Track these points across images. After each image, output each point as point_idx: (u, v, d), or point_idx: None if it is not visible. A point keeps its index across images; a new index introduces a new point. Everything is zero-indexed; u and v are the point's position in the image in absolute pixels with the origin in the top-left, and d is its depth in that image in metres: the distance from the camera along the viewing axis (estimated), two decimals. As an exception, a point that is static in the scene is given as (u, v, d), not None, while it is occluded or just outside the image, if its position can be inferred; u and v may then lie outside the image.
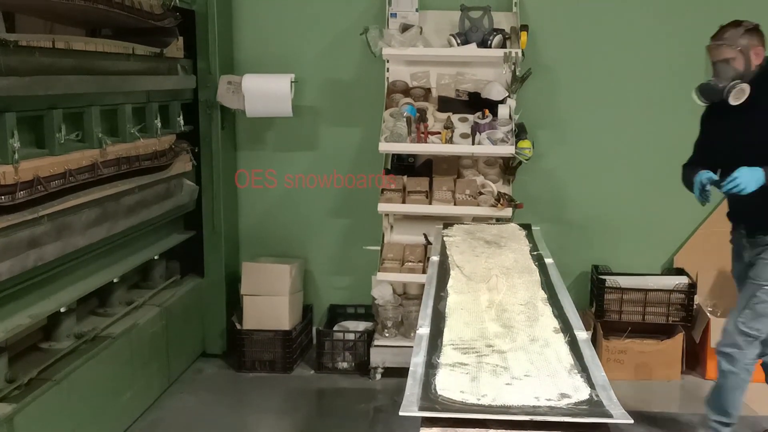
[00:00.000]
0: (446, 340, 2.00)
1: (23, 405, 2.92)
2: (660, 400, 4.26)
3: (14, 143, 2.82)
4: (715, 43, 3.28)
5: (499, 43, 4.36)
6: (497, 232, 3.17)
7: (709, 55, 3.29)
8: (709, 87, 3.26)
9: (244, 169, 4.94)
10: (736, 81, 3.20)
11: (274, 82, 4.54)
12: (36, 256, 3.02)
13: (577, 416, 1.57)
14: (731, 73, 3.23)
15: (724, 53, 3.24)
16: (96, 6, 3.29)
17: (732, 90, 3.20)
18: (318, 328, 4.79)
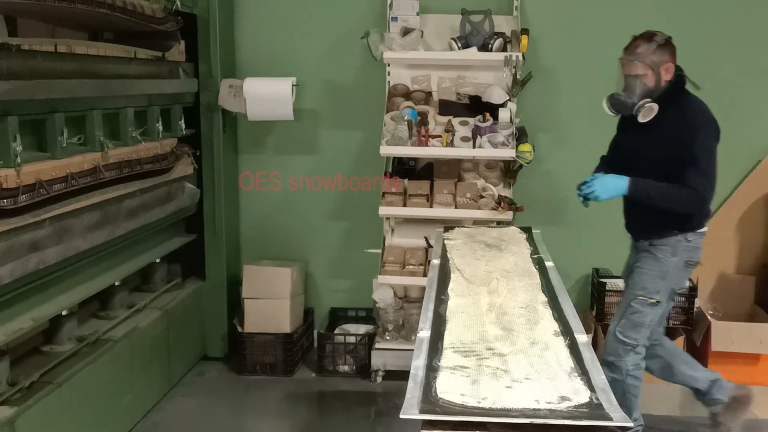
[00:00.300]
0: (447, 343, 2.01)
1: (24, 408, 2.93)
2: (660, 403, 4.26)
3: (16, 147, 2.83)
4: (628, 58, 3.29)
5: (500, 47, 4.37)
6: (498, 235, 3.17)
7: (621, 67, 3.32)
8: (620, 101, 3.31)
9: (248, 171, 4.95)
10: (646, 100, 3.24)
11: (276, 85, 4.55)
12: (38, 260, 3.03)
13: (577, 419, 1.58)
14: (641, 89, 3.26)
15: (635, 69, 3.26)
16: (98, 10, 3.30)
17: (641, 109, 3.25)
18: (319, 331, 4.80)
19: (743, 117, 4.70)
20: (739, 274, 4.79)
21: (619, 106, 3.32)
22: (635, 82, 3.25)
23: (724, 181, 4.74)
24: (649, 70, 3.24)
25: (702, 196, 3.20)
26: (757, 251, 4.76)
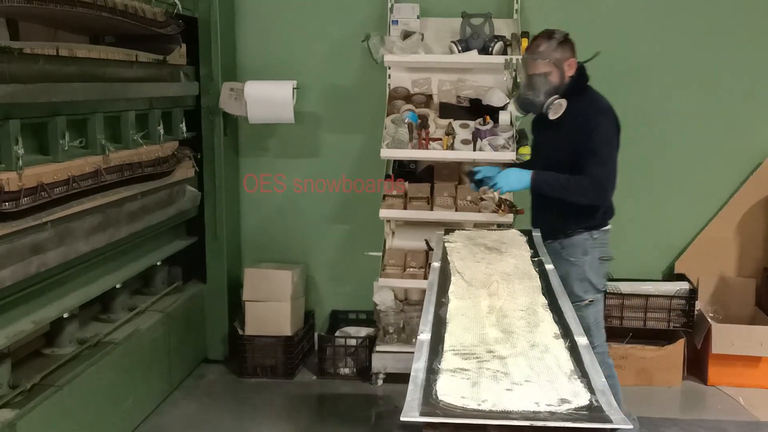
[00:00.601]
0: (447, 346, 2.01)
1: (26, 411, 2.94)
2: (661, 405, 4.27)
3: (18, 150, 2.85)
4: (531, 58, 3.31)
5: (500, 50, 4.38)
6: (498, 238, 3.17)
7: (525, 68, 3.36)
8: (528, 101, 3.34)
9: (252, 173, 4.95)
10: (555, 97, 3.28)
11: (276, 88, 4.56)
12: (39, 262, 3.04)
13: (577, 421, 1.58)
14: (547, 86, 3.29)
15: (540, 67, 3.29)
16: (99, 14, 3.31)
17: (551, 106, 3.29)
18: (320, 334, 4.80)
19: (743, 119, 4.71)
20: (740, 277, 4.79)
21: (528, 106, 3.36)
22: (541, 80, 3.28)
23: (723, 183, 4.77)
24: (553, 67, 3.28)
25: (602, 185, 3.20)
26: (757, 254, 4.77)
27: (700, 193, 4.79)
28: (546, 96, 3.28)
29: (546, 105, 3.29)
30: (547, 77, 3.28)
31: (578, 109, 3.29)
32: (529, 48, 3.37)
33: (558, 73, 3.29)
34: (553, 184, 3.24)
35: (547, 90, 3.29)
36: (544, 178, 3.27)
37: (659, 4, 4.65)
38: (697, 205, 4.81)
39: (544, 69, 3.28)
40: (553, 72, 3.28)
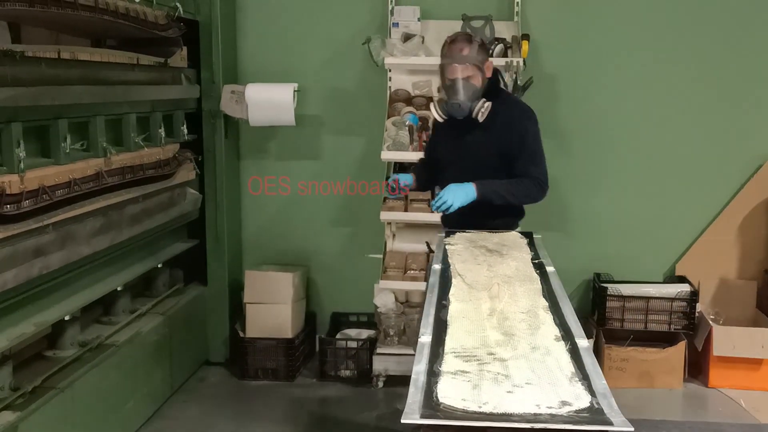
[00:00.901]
0: (448, 348, 2.01)
1: (27, 413, 2.94)
2: (662, 408, 4.26)
3: (20, 153, 2.85)
4: (456, 62, 3.25)
5: (501, 53, 4.38)
6: (499, 241, 3.17)
7: (446, 73, 3.28)
8: (457, 106, 3.25)
9: (257, 176, 4.95)
10: (483, 100, 3.25)
11: (277, 91, 4.56)
12: (41, 265, 3.04)
13: (577, 424, 1.58)
14: (473, 90, 3.26)
15: (465, 71, 3.25)
16: (101, 17, 3.31)
17: (481, 109, 3.24)
18: (320, 336, 4.80)
19: (744, 122, 4.72)
20: (741, 279, 4.79)
21: (456, 111, 3.27)
22: (467, 84, 3.24)
23: (724, 186, 4.77)
24: (477, 70, 3.27)
25: (544, 183, 3.31)
26: (758, 256, 4.76)
27: (701, 196, 4.79)
28: (473, 99, 3.26)
29: (477, 109, 3.24)
30: (472, 80, 3.26)
31: (503, 111, 3.32)
32: (449, 53, 3.27)
33: (481, 76, 3.29)
34: (500, 192, 3.25)
35: (474, 93, 3.27)
36: (491, 188, 3.25)
37: (660, 6, 4.66)
38: (698, 208, 4.81)
39: (469, 72, 3.25)
40: (476, 75, 3.27)
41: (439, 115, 3.33)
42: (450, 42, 3.29)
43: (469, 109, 3.25)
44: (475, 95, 3.27)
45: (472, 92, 3.26)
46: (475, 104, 3.24)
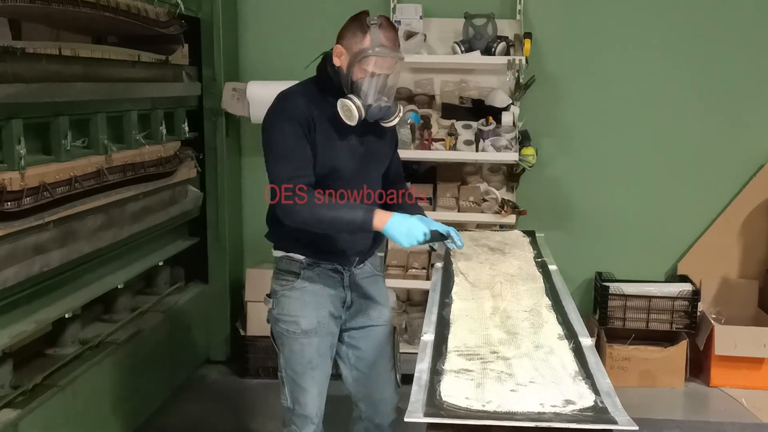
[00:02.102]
0: (451, 347, 2.00)
1: (28, 411, 2.93)
2: (664, 407, 4.26)
3: (21, 150, 2.85)
4: (395, 54, 2.52)
5: (503, 51, 4.37)
6: (501, 239, 3.16)
7: (372, 64, 2.50)
8: (386, 110, 2.55)
9: (258, 174, 4.91)
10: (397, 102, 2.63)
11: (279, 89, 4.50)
12: (41, 263, 3.04)
13: (581, 423, 1.58)
14: (394, 90, 2.62)
15: (396, 66, 2.55)
16: (102, 13, 3.31)
17: (400, 114, 2.63)
18: (322, 335, 4.79)
19: (746, 121, 4.71)
20: (743, 279, 4.78)
21: (378, 115, 2.54)
22: (394, 81, 2.58)
23: (726, 185, 4.76)
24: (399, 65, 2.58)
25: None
26: (760, 255, 4.76)
27: (703, 195, 4.78)
28: (395, 100, 2.63)
29: (398, 114, 2.61)
30: (397, 77, 2.61)
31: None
32: (383, 40, 2.50)
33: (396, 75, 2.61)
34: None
35: (393, 94, 2.61)
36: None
37: (663, 5, 4.65)
38: (699, 207, 4.81)
39: (397, 68, 2.57)
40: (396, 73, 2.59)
41: (349, 118, 2.50)
42: (380, 26, 2.52)
43: (393, 113, 2.59)
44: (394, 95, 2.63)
45: (393, 92, 2.60)
46: (397, 107, 2.61)
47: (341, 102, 2.52)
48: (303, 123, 2.52)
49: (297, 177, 2.48)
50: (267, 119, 2.59)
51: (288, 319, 2.71)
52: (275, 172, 2.51)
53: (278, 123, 2.55)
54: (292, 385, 2.78)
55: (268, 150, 2.55)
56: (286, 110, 2.56)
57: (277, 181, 2.49)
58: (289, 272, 2.72)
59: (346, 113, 2.51)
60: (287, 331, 2.72)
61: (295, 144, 2.51)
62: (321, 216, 2.45)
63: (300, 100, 2.59)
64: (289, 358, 2.75)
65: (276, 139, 2.53)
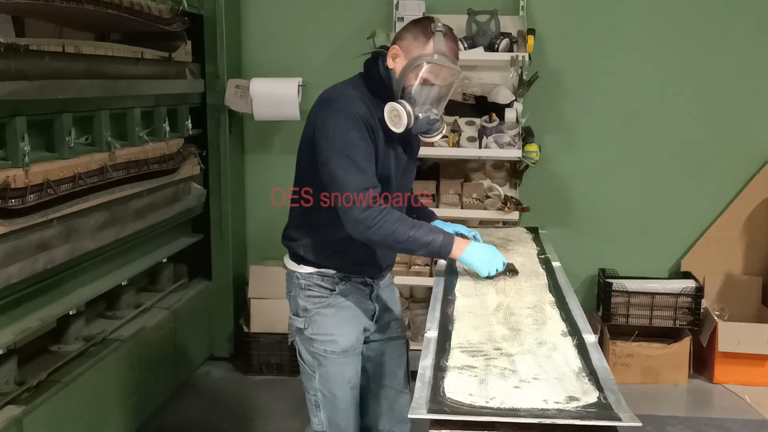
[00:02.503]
0: (454, 343, 2.00)
1: (32, 407, 2.94)
2: (667, 403, 4.26)
3: (24, 147, 2.85)
4: (454, 67, 2.43)
5: (506, 47, 4.37)
6: (504, 236, 3.16)
7: (434, 75, 2.41)
8: (432, 123, 2.45)
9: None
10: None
11: (282, 86, 4.55)
12: (45, 259, 3.04)
13: (585, 419, 1.58)
14: (444, 103, 2.52)
15: (450, 79, 2.46)
16: (105, 10, 3.31)
17: (443, 129, 2.53)
18: (325, 332, 4.79)
19: (749, 117, 4.70)
20: (746, 275, 4.78)
21: (425, 127, 2.45)
22: (445, 93, 2.49)
23: (730, 181, 4.76)
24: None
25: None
26: (763, 252, 4.75)
27: (707, 191, 4.78)
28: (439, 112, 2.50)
29: (442, 128, 2.53)
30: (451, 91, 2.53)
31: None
32: (447, 50, 2.41)
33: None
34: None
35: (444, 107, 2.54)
36: (432, 213, 2.80)
37: (666, 2, 4.63)
38: (703, 203, 4.80)
39: (453, 82, 2.49)
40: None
41: (396, 124, 2.39)
42: (444, 34, 2.41)
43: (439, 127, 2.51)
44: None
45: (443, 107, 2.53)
46: (439, 123, 2.50)
47: (390, 106, 2.38)
48: (368, 128, 2.37)
49: (374, 186, 2.31)
50: (332, 122, 2.35)
51: (325, 339, 2.53)
52: (347, 179, 2.29)
53: (347, 127, 2.33)
54: (330, 409, 2.58)
55: (337, 155, 2.31)
56: (352, 114, 2.35)
57: (349, 189, 2.28)
58: (321, 288, 2.57)
59: (394, 119, 2.37)
60: (324, 351, 2.54)
61: (366, 151, 2.33)
62: (401, 232, 2.30)
63: (362, 103, 2.41)
64: (326, 379, 2.55)
65: (347, 144, 2.31)
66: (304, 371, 2.61)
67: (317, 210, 2.47)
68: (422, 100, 2.40)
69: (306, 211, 2.52)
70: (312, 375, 2.57)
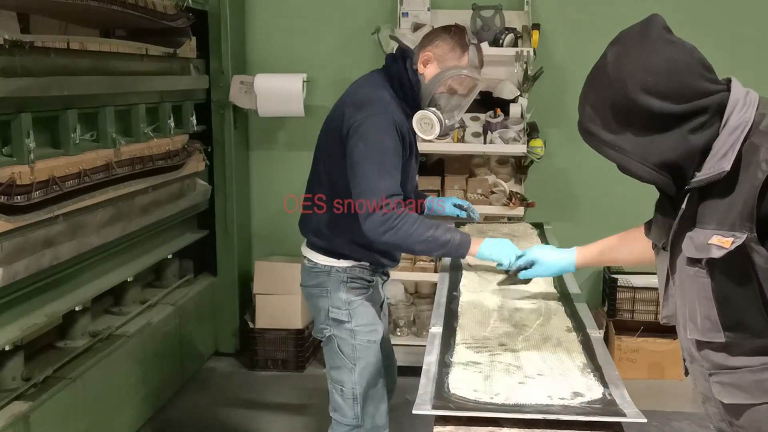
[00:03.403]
0: (459, 339, 2.01)
1: (39, 403, 2.95)
2: (672, 399, 4.25)
3: (30, 143, 2.85)
4: (481, 77, 2.54)
5: (511, 42, 4.36)
6: (509, 231, 3.16)
7: (467, 87, 2.53)
8: (453, 128, 2.62)
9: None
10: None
11: (286, 81, 4.55)
12: (51, 256, 3.05)
13: (590, 415, 1.58)
14: (464, 111, 2.64)
15: (474, 89, 2.57)
16: (110, 7, 3.31)
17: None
18: (330, 327, 4.80)
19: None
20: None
21: (447, 132, 2.54)
22: (468, 102, 2.60)
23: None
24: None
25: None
26: None
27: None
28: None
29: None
30: (471, 100, 2.64)
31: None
32: (479, 63, 2.53)
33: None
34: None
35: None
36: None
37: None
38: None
39: (476, 92, 2.60)
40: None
41: (427, 132, 2.48)
42: (476, 48, 2.51)
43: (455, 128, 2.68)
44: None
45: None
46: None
47: (423, 114, 2.45)
48: (400, 135, 2.43)
49: (398, 193, 2.38)
50: (367, 126, 2.39)
51: (369, 329, 2.59)
52: (377, 182, 2.34)
53: (384, 133, 2.39)
54: (365, 400, 2.61)
55: (369, 158, 2.36)
56: (389, 120, 2.41)
57: (377, 192, 2.33)
58: (362, 280, 2.61)
59: (425, 126, 2.44)
60: (368, 342, 2.58)
61: (396, 158, 2.41)
62: (420, 233, 2.35)
63: (397, 109, 2.46)
64: (365, 371, 2.60)
65: (381, 151, 2.38)
66: (341, 366, 2.61)
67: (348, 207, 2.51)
68: (450, 108, 2.49)
69: (336, 207, 2.55)
70: (352, 368, 2.59)
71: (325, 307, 2.61)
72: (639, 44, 1.68)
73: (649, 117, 1.56)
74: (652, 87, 1.54)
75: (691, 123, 1.55)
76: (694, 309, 1.65)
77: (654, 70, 1.57)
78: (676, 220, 1.70)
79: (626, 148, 1.63)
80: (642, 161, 1.63)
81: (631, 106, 1.58)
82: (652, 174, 1.64)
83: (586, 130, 1.82)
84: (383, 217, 2.32)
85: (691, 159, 1.59)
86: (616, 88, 1.62)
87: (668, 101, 1.54)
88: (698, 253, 1.61)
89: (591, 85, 1.81)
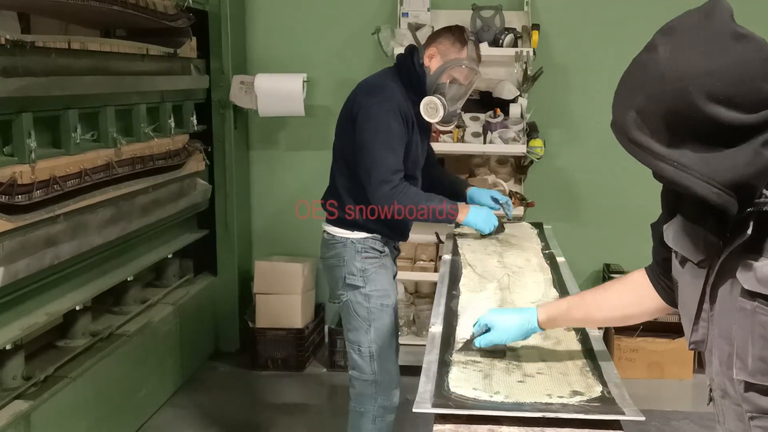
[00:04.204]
0: (459, 338, 2.01)
1: (40, 402, 2.96)
2: (672, 398, 4.26)
3: (31, 143, 2.86)
4: (478, 70, 2.92)
5: (511, 42, 4.36)
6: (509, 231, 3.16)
7: (467, 78, 2.90)
8: (455, 116, 2.97)
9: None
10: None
11: (287, 81, 4.56)
12: (52, 255, 3.06)
13: (589, 413, 1.58)
14: (464, 100, 3.00)
15: (473, 80, 2.94)
16: (110, 7, 3.32)
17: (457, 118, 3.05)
18: (330, 327, 4.81)
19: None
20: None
21: (451, 118, 2.94)
22: (467, 92, 2.96)
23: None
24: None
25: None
26: None
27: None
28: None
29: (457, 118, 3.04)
30: (470, 90, 3.02)
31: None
32: (477, 58, 2.90)
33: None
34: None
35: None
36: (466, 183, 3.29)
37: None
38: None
39: (474, 82, 2.97)
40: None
41: (432, 115, 2.86)
42: (474, 43, 2.89)
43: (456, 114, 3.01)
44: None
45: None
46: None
47: (428, 100, 2.82)
48: (405, 120, 2.80)
49: (401, 169, 2.77)
50: (374, 109, 2.77)
51: (382, 294, 2.91)
52: (383, 158, 2.73)
53: (388, 115, 2.76)
54: (380, 358, 2.92)
55: (376, 137, 2.74)
56: (394, 104, 2.78)
57: (383, 167, 2.72)
58: (375, 250, 2.94)
59: (430, 111, 2.83)
60: (381, 305, 2.91)
61: (400, 139, 2.78)
62: (416, 202, 2.74)
63: (402, 96, 2.83)
64: (379, 331, 2.91)
65: (386, 129, 2.75)
66: (357, 327, 2.92)
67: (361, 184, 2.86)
68: (452, 96, 2.86)
69: (354, 185, 2.90)
70: (367, 329, 2.91)
71: (341, 275, 2.93)
72: (701, 38, 1.39)
73: (714, 129, 1.29)
74: (720, 94, 1.27)
75: (764, 135, 1.28)
76: (746, 347, 1.41)
77: (721, 73, 1.28)
78: (735, 243, 1.39)
79: (686, 164, 1.33)
80: (708, 180, 1.31)
81: (693, 115, 1.30)
82: (721, 196, 1.30)
83: (634, 141, 1.47)
84: (391, 189, 2.71)
85: (763, 177, 1.32)
86: (675, 94, 1.32)
87: (738, 110, 1.27)
88: (761, 287, 1.37)
89: (637, 85, 1.49)
